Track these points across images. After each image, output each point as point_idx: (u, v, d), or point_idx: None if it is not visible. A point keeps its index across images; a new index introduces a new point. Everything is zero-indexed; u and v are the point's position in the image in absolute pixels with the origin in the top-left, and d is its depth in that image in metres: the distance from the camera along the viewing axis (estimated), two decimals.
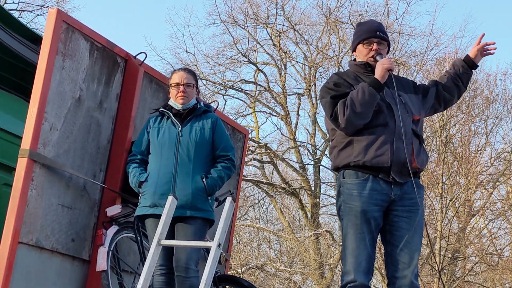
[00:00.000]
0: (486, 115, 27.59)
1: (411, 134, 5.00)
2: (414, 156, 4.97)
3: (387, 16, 27.53)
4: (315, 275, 26.07)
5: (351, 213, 4.96)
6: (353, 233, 4.94)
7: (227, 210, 5.02)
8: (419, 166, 5.00)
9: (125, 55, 6.55)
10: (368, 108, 4.92)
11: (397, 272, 4.90)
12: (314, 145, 28.57)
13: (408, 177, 4.95)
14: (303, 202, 28.49)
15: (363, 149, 4.95)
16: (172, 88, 6.03)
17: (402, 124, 4.95)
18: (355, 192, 4.96)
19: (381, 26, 5.30)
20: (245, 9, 28.54)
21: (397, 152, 4.90)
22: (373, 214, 4.91)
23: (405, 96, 5.16)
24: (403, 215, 4.93)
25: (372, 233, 4.93)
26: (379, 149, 4.93)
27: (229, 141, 6.11)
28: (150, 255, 4.97)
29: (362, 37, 5.25)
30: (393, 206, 4.95)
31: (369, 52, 5.17)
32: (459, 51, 27.61)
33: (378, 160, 4.92)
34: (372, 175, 4.95)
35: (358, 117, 4.93)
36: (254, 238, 32.13)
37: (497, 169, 27.69)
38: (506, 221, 28.96)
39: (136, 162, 5.92)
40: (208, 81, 28.21)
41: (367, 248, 4.90)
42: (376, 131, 4.97)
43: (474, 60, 5.31)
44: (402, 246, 4.91)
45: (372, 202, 4.92)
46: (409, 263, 4.88)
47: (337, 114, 4.99)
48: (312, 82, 28.41)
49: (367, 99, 4.90)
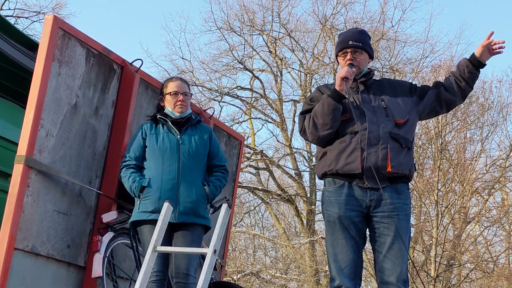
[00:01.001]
0: (481, 122, 27.65)
1: (387, 139, 4.97)
2: (388, 161, 4.93)
3: (383, 23, 27.64)
4: (310, 282, 26.06)
5: (331, 219, 5.02)
6: (335, 239, 4.99)
7: (223, 217, 5.03)
8: (394, 171, 4.95)
9: (121, 62, 6.56)
10: (328, 118, 4.95)
11: (383, 279, 4.92)
12: (309, 152, 28.58)
13: (385, 182, 4.95)
14: (299, 208, 28.51)
15: (334, 158, 5.01)
16: (170, 96, 6.06)
17: (376, 129, 4.95)
18: (333, 198, 5.02)
19: (356, 35, 5.29)
20: (241, 16, 28.62)
21: (368, 158, 4.91)
22: (352, 220, 4.94)
23: (389, 99, 5.14)
24: (383, 221, 4.94)
25: (354, 239, 4.95)
26: (350, 156, 4.96)
27: (223, 152, 6.27)
28: (146, 261, 4.97)
29: (337, 49, 5.32)
30: (373, 212, 4.96)
31: (345, 63, 5.19)
32: (454, 58, 27.69)
33: (349, 167, 4.94)
34: (347, 181, 4.99)
35: (320, 129, 4.99)
36: (249, 245, 32.12)
37: (492, 176, 27.73)
38: (501, 228, 29.00)
39: (132, 167, 5.92)
40: (204, 88, 28.26)
41: (350, 253, 4.93)
42: (346, 139, 5.00)
43: (480, 58, 5.19)
44: (386, 252, 4.92)
45: (349, 208, 4.95)
46: (393, 269, 4.87)
47: (306, 129, 5.08)
48: (308, 89, 28.44)
49: (326, 109, 4.94)
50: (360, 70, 5.19)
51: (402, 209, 4.97)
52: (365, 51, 5.26)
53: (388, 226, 4.91)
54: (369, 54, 5.31)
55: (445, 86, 5.28)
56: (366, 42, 5.29)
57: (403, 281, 4.86)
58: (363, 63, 5.24)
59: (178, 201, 5.73)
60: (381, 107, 5.07)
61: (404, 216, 4.97)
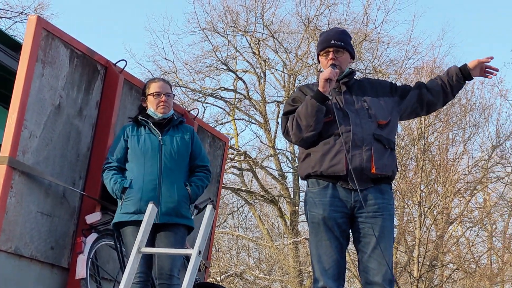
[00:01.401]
0: (463, 124, 27.77)
1: (370, 140, 4.97)
2: (373, 162, 4.93)
3: (366, 24, 27.67)
4: (294, 282, 26.07)
5: (315, 220, 5.01)
6: (318, 240, 4.98)
7: (208, 218, 5.02)
8: (378, 173, 4.95)
9: (105, 63, 6.55)
10: (312, 120, 4.93)
11: (368, 279, 4.92)
12: (293, 153, 28.59)
13: (369, 184, 4.96)
14: (282, 209, 28.51)
15: (318, 159, 5.00)
16: (152, 97, 6.05)
17: (359, 130, 4.96)
18: (317, 200, 5.00)
19: (338, 34, 5.27)
20: (225, 17, 28.57)
21: (353, 160, 4.90)
22: (336, 221, 4.94)
23: (371, 100, 5.13)
24: (367, 221, 4.93)
25: (337, 240, 4.95)
26: (334, 158, 4.95)
27: (205, 152, 6.24)
28: (130, 263, 4.96)
29: (319, 49, 5.30)
30: (357, 213, 4.96)
31: (327, 62, 5.17)
32: (437, 60, 27.81)
33: (334, 169, 4.94)
34: (332, 182, 4.98)
35: (303, 130, 4.98)
36: (233, 246, 32.09)
37: (474, 177, 27.85)
38: (483, 228, 29.13)
39: (114, 169, 5.90)
40: (187, 89, 28.19)
41: (333, 254, 4.93)
42: (330, 140, 4.99)
43: (471, 72, 5.24)
44: (370, 253, 4.92)
45: (333, 209, 4.94)
46: (379, 268, 4.87)
47: (289, 130, 5.06)
48: (292, 90, 28.40)
49: (309, 111, 4.93)
50: (342, 70, 5.17)
51: (387, 209, 4.98)
52: (347, 51, 5.25)
53: (373, 226, 4.91)
54: (351, 54, 5.30)
55: (428, 88, 5.27)
56: (348, 42, 5.28)
57: (388, 281, 4.86)
58: (345, 63, 5.23)
59: (160, 202, 5.72)
60: (363, 108, 5.07)
61: (388, 216, 4.98)
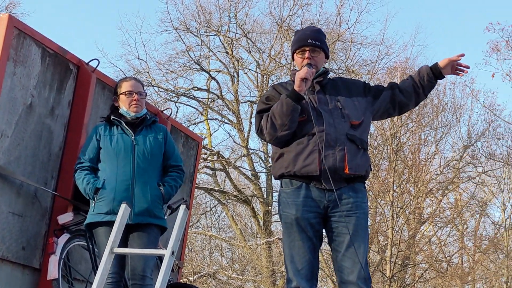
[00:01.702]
0: (435, 124, 27.96)
1: (344, 140, 4.96)
2: (346, 163, 4.92)
3: (339, 25, 27.78)
4: (267, 282, 26.09)
5: (288, 221, 4.99)
6: (291, 240, 4.97)
7: (181, 218, 5.00)
8: (352, 173, 4.95)
9: (77, 62, 6.50)
10: (287, 119, 4.91)
11: (343, 278, 4.92)
12: (266, 153, 28.60)
13: (342, 183, 4.95)
14: (255, 209, 28.53)
15: (292, 160, 4.98)
16: (124, 96, 6.00)
17: (333, 130, 4.95)
18: (290, 200, 4.99)
19: (314, 33, 5.25)
20: (198, 16, 28.52)
21: (326, 160, 4.89)
22: (310, 221, 4.93)
23: (344, 100, 5.12)
24: (341, 220, 4.92)
25: (310, 240, 4.94)
26: (307, 158, 4.93)
27: (178, 152, 6.21)
28: (103, 263, 4.92)
29: (295, 47, 5.26)
30: (331, 213, 4.95)
31: (303, 61, 5.15)
32: (409, 60, 27.98)
33: (307, 169, 4.93)
34: (305, 182, 4.97)
35: (278, 129, 4.96)
36: (206, 246, 32.07)
37: (446, 177, 28.06)
38: (455, 228, 29.35)
39: (86, 169, 5.85)
40: (160, 88, 28.10)
41: (306, 255, 4.92)
42: (304, 140, 4.97)
43: (443, 71, 5.22)
44: (344, 251, 4.91)
45: (306, 209, 4.93)
46: (353, 267, 4.87)
47: (263, 129, 5.04)
48: (265, 90, 28.44)
49: (284, 110, 4.91)
50: (317, 70, 5.17)
51: (360, 207, 4.98)
52: (323, 50, 5.24)
53: (347, 225, 4.90)
54: (326, 54, 5.29)
55: (400, 88, 5.27)
56: (323, 41, 5.27)
57: (363, 279, 4.85)
58: (320, 63, 5.22)
59: (133, 202, 5.69)
60: (337, 108, 5.06)
61: (362, 215, 4.98)
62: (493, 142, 29.99)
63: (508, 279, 28.71)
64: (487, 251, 30.38)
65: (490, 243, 30.62)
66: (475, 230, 30.98)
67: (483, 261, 30.05)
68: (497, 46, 29.66)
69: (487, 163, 29.93)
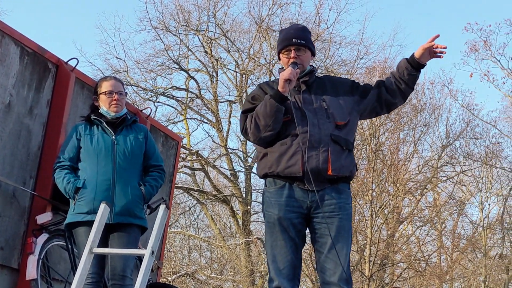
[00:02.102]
0: (414, 124, 28.10)
1: (327, 141, 4.92)
2: (329, 164, 4.89)
3: (318, 24, 27.80)
4: (246, 282, 26.09)
5: (270, 220, 4.97)
6: (274, 240, 4.95)
7: (161, 218, 4.98)
8: (335, 174, 4.91)
9: (56, 61, 6.47)
10: (270, 120, 4.88)
11: (325, 279, 4.91)
12: (245, 152, 28.63)
13: (325, 184, 4.92)
14: (234, 209, 28.52)
15: (275, 160, 4.95)
16: (104, 96, 5.97)
17: (317, 131, 4.92)
18: (273, 199, 4.97)
19: (299, 32, 5.21)
20: (177, 15, 28.47)
21: (309, 161, 4.86)
22: (292, 221, 4.91)
23: (330, 99, 5.08)
24: (324, 221, 4.91)
25: (293, 240, 4.92)
26: (290, 159, 4.90)
27: (159, 151, 6.20)
28: (82, 263, 4.90)
29: (280, 46, 5.21)
30: (314, 213, 4.93)
31: (289, 61, 5.10)
32: (388, 60, 28.07)
33: (290, 170, 4.90)
34: (288, 182, 4.95)
35: (262, 130, 4.93)
36: (184, 246, 32.04)
37: (424, 176, 28.20)
38: (433, 227, 29.50)
39: (66, 168, 5.81)
40: (138, 88, 28.02)
41: (288, 255, 4.90)
42: (288, 141, 4.94)
43: (420, 60, 5.10)
44: (327, 253, 4.90)
45: (289, 209, 4.91)
46: (335, 269, 4.86)
47: (247, 129, 5.03)
48: (244, 90, 28.48)
49: (268, 111, 4.87)
50: (303, 69, 5.13)
51: (344, 208, 4.95)
52: (308, 49, 5.20)
53: (329, 226, 4.88)
54: (312, 52, 5.25)
55: (386, 86, 5.21)
56: (309, 39, 5.23)
57: (345, 281, 4.84)
58: (306, 61, 5.18)
59: (114, 202, 5.67)
60: (322, 108, 5.02)
61: (345, 216, 4.96)
62: (471, 141, 30.23)
63: (486, 278, 28.92)
64: (465, 250, 30.57)
65: (468, 242, 30.82)
66: (453, 229, 31.17)
67: (461, 260, 30.23)
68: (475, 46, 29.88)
69: (465, 163, 30.15)
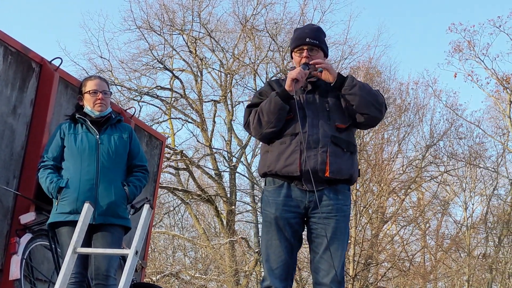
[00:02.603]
0: (398, 124, 28.19)
1: (327, 142, 4.91)
2: (328, 166, 4.88)
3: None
4: (230, 282, 26.09)
5: (267, 219, 4.97)
6: (269, 239, 4.94)
7: (145, 217, 4.98)
8: (332, 177, 4.89)
9: (40, 60, 6.45)
10: (273, 117, 4.89)
11: (318, 280, 4.90)
12: (230, 152, 28.64)
13: (323, 185, 4.90)
14: (219, 209, 28.53)
15: (274, 158, 4.96)
16: (89, 95, 5.95)
17: (316, 132, 4.91)
18: (271, 198, 4.96)
19: (313, 32, 5.17)
20: (161, 15, 28.44)
21: (307, 161, 4.86)
22: (289, 221, 4.90)
23: (334, 102, 5.05)
24: (321, 222, 4.89)
25: (288, 240, 4.91)
26: (288, 158, 4.90)
27: (143, 151, 6.18)
28: (66, 263, 4.89)
29: (293, 45, 5.19)
30: (311, 214, 4.93)
31: (301, 60, 5.08)
32: (372, 60, 28.16)
33: (288, 169, 4.89)
34: (287, 182, 4.95)
35: (264, 126, 4.93)
36: (169, 246, 32.00)
37: (409, 176, 28.30)
38: (417, 227, 29.59)
39: (50, 167, 5.79)
40: (123, 87, 27.97)
41: (282, 255, 4.89)
42: (287, 140, 4.94)
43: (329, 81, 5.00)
44: (322, 254, 4.89)
45: (286, 209, 4.90)
46: (328, 270, 4.86)
47: (250, 123, 5.03)
48: (228, 89, 28.49)
49: (272, 108, 4.88)
50: (315, 69, 5.04)
51: (341, 210, 4.93)
52: (321, 49, 5.17)
53: (326, 227, 4.87)
54: (325, 53, 5.22)
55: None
56: (322, 40, 5.20)
57: (337, 283, 4.83)
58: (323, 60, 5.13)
59: (97, 202, 5.65)
60: (324, 109, 5.00)
61: (342, 217, 4.93)
62: (455, 141, 30.37)
63: (470, 277, 29.03)
64: (449, 250, 30.70)
65: (452, 242, 30.94)
66: (437, 229, 31.28)
67: (445, 259, 30.35)
68: (459, 47, 30.02)
69: (449, 163, 30.28)
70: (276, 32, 28.15)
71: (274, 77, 28.03)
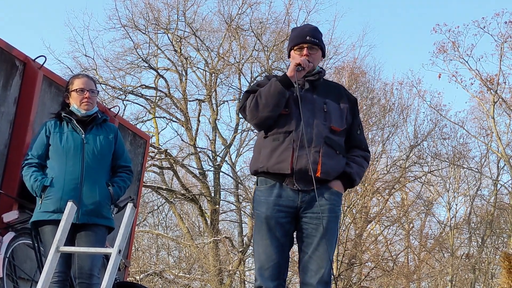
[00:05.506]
0: (382, 124, 28.26)
1: (320, 143, 4.91)
2: (319, 166, 4.88)
3: (288, 24, 27.87)
4: (214, 281, 26.08)
5: (259, 219, 4.96)
6: (260, 239, 4.94)
7: (128, 216, 4.96)
8: (323, 177, 4.89)
9: (23, 58, 6.42)
10: (272, 100, 4.87)
11: (305, 279, 4.90)
12: (214, 152, 28.62)
13: (316, 185, 4.86)
14: (203, 208, 28.50)
15: (266, 156, 4.95)
16: (75, 93, 5.92)
17: (310, 131, 4.90)
18: (263, 198, 4.96)
19: (312, 31, 5.20)
20: (146, 14, 28.39)
21: (299, 160, 4.86)
22: (280, 221, 4.89)
23: (331, 104, 5.07)
24: (312, 222, 4.90)
25: (278, 240, 4.90)
26: (280, 155, 4.89)
27: (128, 152, 6.18)
28: (48, 262, 4.87)
29: (293, 43, 5.19)
30: (303, 213, 4.93)
31: (301, 58, 5.06)
32: (357, 60, 28.22)
33: (279, 167, 4.88)
34: (279, 182, 4.94)
35: (261, 109, 4.90)
36: (152, 245, 31.97)
37: (393, 176, 28.37)
38: (401, 227, 29.68)
39: (34, 166, 5.76)
40: (107, 86, 27.89)
41: (272, 254, 4.88)
42: (280, 137, 4.93)
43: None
44: (311, 253, 4.89)
45: (277, 208, 4.90)
46: (317, 270, 4.86)
47: (246, 107, 5.01)
48: (213, 89, 28.48)
49: (272, 91, 4.87)
50: (313, 68, 5.09)
51: (332, 210, 4.94)
52: (320, 48, 5.19)
53: (317, 228, 4.87)
54: (323, 52, 5.25)
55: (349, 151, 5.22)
56: (321, 39, 5.22)
57: (324, 283, 4.83)
58: (317, 61, 5.16)
59: (81, 202, 5.63)
60: (321, 110, 5.00)
61: (333, 218, 4.94)
62: (439, 142, 30.52)
63: (453, 277, 29.17)
64: (432, 250, 30.82)
65: (435, 242, 31.08)
66: (421, 229, 31.41)
67: (428, 259, 30.48)
68: (443, 47, 30.16)
69: (433, 163, 30.42)
70: (261, 32, 28.18)
71: (258, 76, 28.07)
